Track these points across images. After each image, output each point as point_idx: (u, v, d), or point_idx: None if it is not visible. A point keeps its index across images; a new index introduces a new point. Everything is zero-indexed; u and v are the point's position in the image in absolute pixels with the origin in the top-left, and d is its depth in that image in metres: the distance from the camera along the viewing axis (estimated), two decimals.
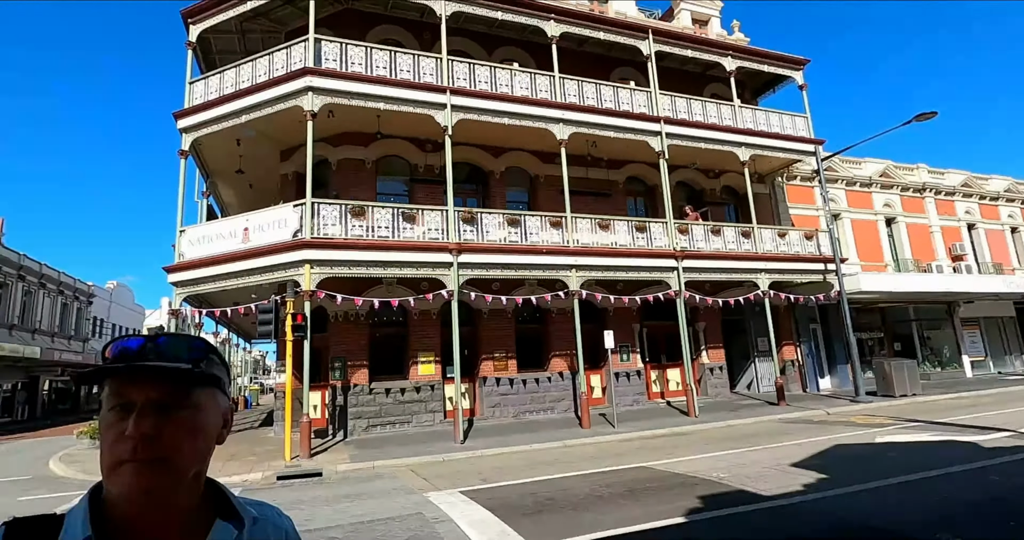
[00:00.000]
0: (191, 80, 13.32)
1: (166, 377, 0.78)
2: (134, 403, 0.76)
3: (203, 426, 0.80)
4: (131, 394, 0.76)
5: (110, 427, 0.76)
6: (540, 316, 15.36)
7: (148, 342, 0.80)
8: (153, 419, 0.75)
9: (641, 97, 15.21)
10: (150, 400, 0.76)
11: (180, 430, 0.77)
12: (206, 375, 0.81)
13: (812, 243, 16.66)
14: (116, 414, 0.76)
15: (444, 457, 9.75)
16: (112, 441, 0.74)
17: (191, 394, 0.80)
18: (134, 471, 0.73)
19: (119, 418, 0.75)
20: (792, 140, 17.08)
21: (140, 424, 0.74)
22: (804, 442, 9.28)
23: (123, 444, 0.73)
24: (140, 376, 0.77)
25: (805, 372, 18.32)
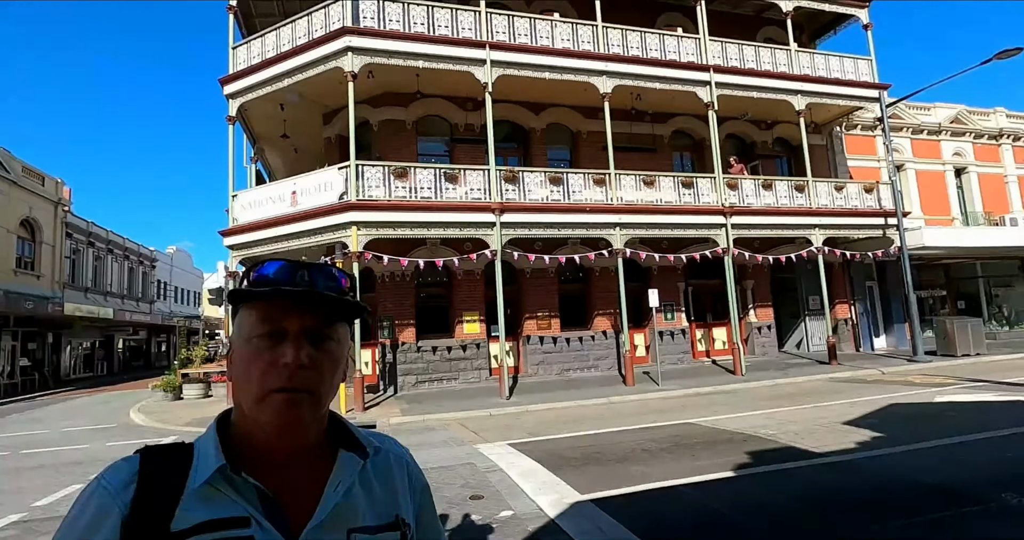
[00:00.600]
0: (234, 45, 13.45)
1: (321, 306, 0.76)
2: (286, 331, 0.74)
3: (341, 360, 0.79)
4: (285, 321, 0.74)
5: (259, 355, 0.73)
6: (583, 275, 15.30)
7: (300, 269, 0.77)
8: (308, 349, 0.73)
9: (689, 45, 14.42)
10: (304, 329, 0.74)
11: (327, 362, 0.76)
12: (360, 307, 0.80)
13: (872, 196, 15.76)
14: (265, 342, 0.74)
15: (491, 412, 10.04)
16: (263, 369, 0.72)
17: (336, 326, 0.78)
18: (286, 402, 0.71)
19: (269, 346, 0.73)
20: (853, 86, 15.94)
21: (298, 353, 0.72)
22: (857, 401, 9.07)
23: (276, 373, 0.72)
24: (300, 303, 0.74)
25: (859, 331, 17.72)
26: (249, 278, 0.78)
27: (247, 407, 0.74)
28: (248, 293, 0.75)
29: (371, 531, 0.76)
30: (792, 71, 15.22)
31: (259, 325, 0.74)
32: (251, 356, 0.73)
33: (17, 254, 21.09)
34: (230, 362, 0.79)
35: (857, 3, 16.45)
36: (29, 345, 23.14)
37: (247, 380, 0.73)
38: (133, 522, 0.66)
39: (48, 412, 14.59)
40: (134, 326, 32.39)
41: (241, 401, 0.75)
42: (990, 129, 21.10)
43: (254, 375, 0.72)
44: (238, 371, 0.75)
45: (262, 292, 0.74)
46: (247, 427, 0.75)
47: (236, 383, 0.75)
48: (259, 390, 0.72)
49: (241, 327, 0.76)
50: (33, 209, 22.04)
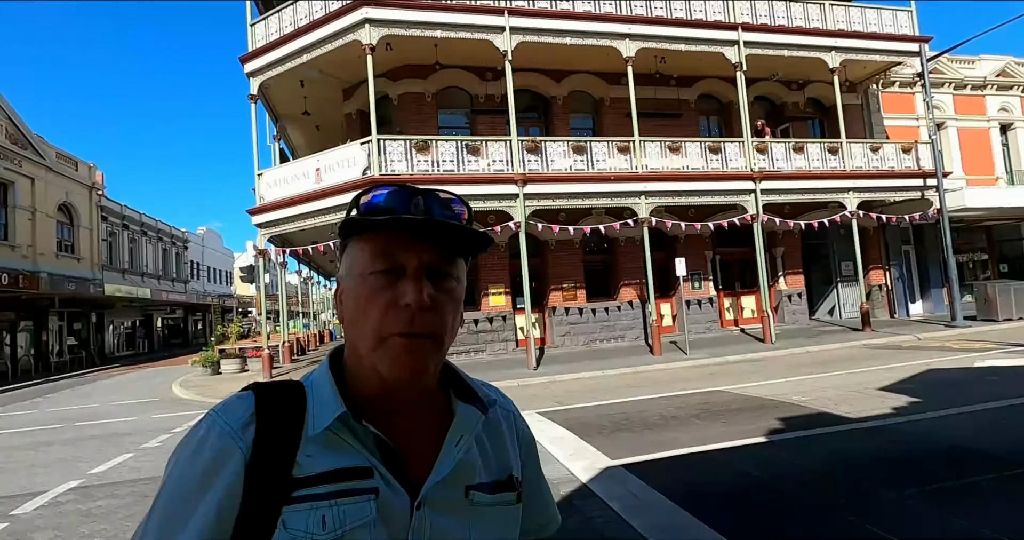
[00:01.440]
0: (251, 22, 13.39)
1: (444, 238, 0.67)
2: (404, 267, 0.66)
3: (462, 300, 0.71)
4: (404, 256, 0.66)
5: (375, 294, 0.66)
6: (608, 246, 15.16)
7: (415, 195, 0.68)
8: (429, 288, 0.65)
9: (716, 4, 13.82)
10: (424, 265, 0.66)
11: (450, 302, 0.68)
12: (487, 239, 0.70)
13: (910, 157, 15.12)
14: (382, 280, 0.66)
15: (519, 382, 10.16)
16: (381, 311, 0.65)
17: (456, 261, 0.70)
18: (407, 347, 0.65)
19: (387, 284, 0.66)
20: (892, 40, 15.13)
21: (420, 293, 0.64)
22: (893, 367, 8.89)
23: (396, 315, 0.64)
24: (419, 234, 0.66)
25: (894, 297, 17.25)
26: (358, 207, 0.69)
27: (363, 351, 0.67)
28: (361, 223, 0.67)
29: (487, 489, 0.72)
30: (825, 27, 14.51)
31: (374, 260, 0.67)
32: (367, 295, 0.66)
33: (57, 238, 21.85)
34: (339, 300, 0.72)
35: None
36: (74, 325, 24.19)
37: (362, 322, 0.66)
38: (256, 466, 0.61)
39: (96, 387, 15.30)
40: (171, 305, 33.50)
41: (356, 343, 0.68)
42: None
43: (371, 317, 0.65)
44: (351, 311, 0.68)
45: (377, 222, 0.65)
46: (362, 371, 0.69)
47: (350, 323, 0.69)
48: (377, 333, 0.65)
49: (353, 262, 0.69)
50: (69, 194, 22.71)
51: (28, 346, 21.09)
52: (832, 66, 14.41)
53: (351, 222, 0.67)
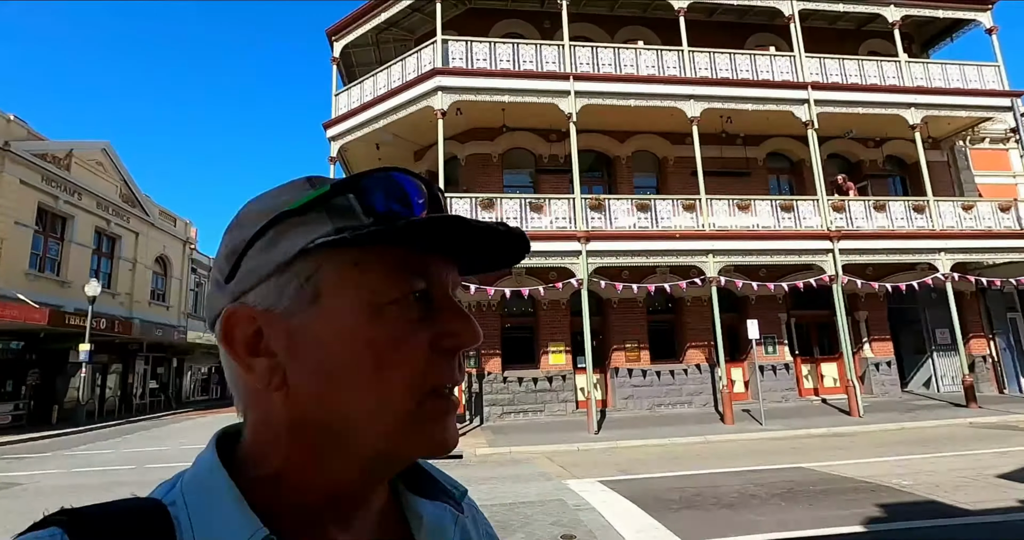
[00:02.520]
0: (336, 92, 14.59)
1: (468, 249, 0.47)
2: (428, 291, 0.46)
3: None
4: (437, 275, 0.46)
5: (409, 333, 0.43)
6: (672, 305, 14.63)
7: (424, 183, 0.47)
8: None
9: (783, 63, 13.78)
10: (454, 286, 0.48)
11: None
12: (525, 247, 0.49)
13: (1009, 215, 13.93)
14: (415, 311, 0.44)
15: (579, 446, 9.66)
16: (423, 357, 0.43)
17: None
18: (449, 409, 0.45)
19: (420, 316, 0.44)
20: (978, 95, 14.39)
21: (475, 328, 0.46)
22: (1009, 451, 7.77)
23: (442, 360, 0.44)
24: (448, 244, 0.45)
25: (1002, 369, 15.43)
26: (359, 196, 0.44)
27: (371, 426, 0.42)
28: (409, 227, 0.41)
29: None
30: (902, 83, 14.04)
31: (399, 281, 0.44)
32: (392, 335, 0.42)
33: (151, 287, 23.73)
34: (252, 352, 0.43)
35: (977, 6, 15.02)
36: (158, 369, 25.70)
37: (375, 380, 0.42)
38: None
39: (169, 430, 15.94)
40: None
41: (345, 416, 0.42)
42: None
43: (403, 369, 0.42)
44: (344, 365, 0.42)
45: (435, 220, 0.41)
46: (312, 462, 0.43)
47: (334, 386, 0.42)
48: (412, 393, 0.43)
49: (328, 287, 0.43)
50: (166, 247, 24.84)
51: (116, 387, 22.51)
52: (912, 122, 13.80)
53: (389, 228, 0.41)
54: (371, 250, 0.42)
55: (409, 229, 0.41)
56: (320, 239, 0.41)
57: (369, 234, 0.41)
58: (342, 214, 0.42)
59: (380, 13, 13.93)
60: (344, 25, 14.52)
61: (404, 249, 0.44)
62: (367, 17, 14.12)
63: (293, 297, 0.43)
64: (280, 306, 0.43)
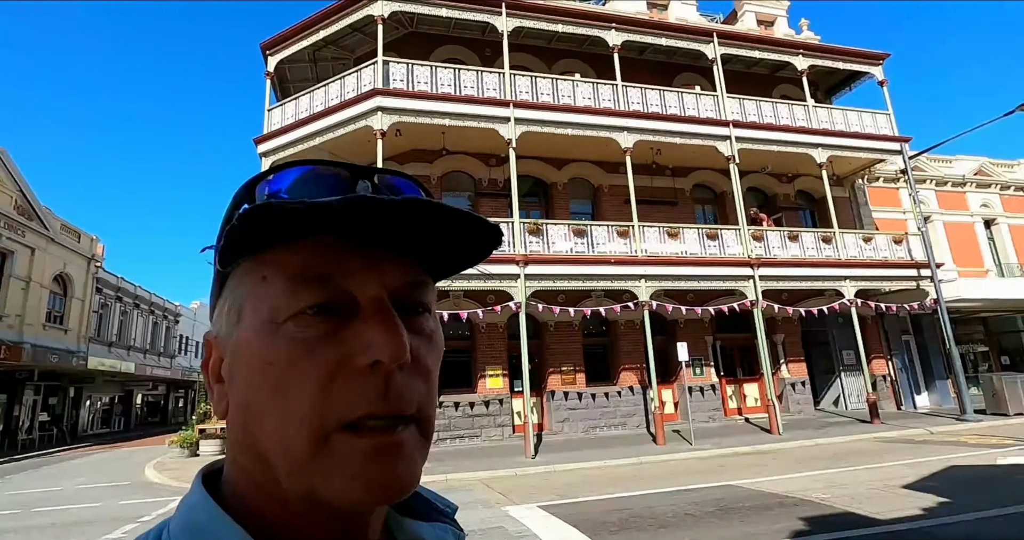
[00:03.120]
0: (269, 108, 14.11)
1: (416, 244, 0.40)
2: (352, 300, 0.38)
3: (441, 351, 0.44)
4: (354, 279, 0.38)
5: (307, 352, 0.37)
6: (607, 329, 14.99)
7: (357, 173, 0.42)
8: (405, 332, 0.38)
9: (708, 101, 14.77)
10: (390, 291, 0.39)
11: (432, 354, 0.42)
12: (497, 236, 0.43)
13: (902, 247, 15.45)
14: (316, 325, 0.37)
15: (516, 471, 9.56)
16: (322, 381, 0.36)
17: (428, 286, 0.43)
18: (381, 446, 0.36)
19: (325, 331, 0.37)
20: (873, 139, 16.04)
21: (401, 336, 0.37)
22: (911, 462, 8.45)
23: (353, 384, 0.36)
24: (378, 238, 0.39)
25: (899, 388, 16.88)
26: (252, 201, 0.40)
27: (282, 465, 0.37)
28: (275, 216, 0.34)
29: None
30: (811, 125, 15.41)
31: (297, 291, 0.37)
32: (287, 356, 0.37)
33: (48, 308, 21.52)
34: (215, 378, 0.42)
35: (871, 61, 16.86)
36: (50, 400, 23.14)
37: (278, 409, 0.37)
38: None
39: (63, 468, 14.31)
40: (154, 381, 32.39)
41: (261, 452, 0.38)
42: (1016, 180, 20.91)
43: (299, 396, 0.36)
44: (249, 391, 0.38)
45: (319, 204, 0.34)
46: (272, 502, 0.39)
47: (247, 415, 0.38)
48: (314, 427, 0.36)
49: (248, 302, 0.39)
50: (67, 265, 22.70)
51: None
52: (820, 161, 15.14)
53: (251, 220, 0.35)
54: (274, 260, 0.38)
55: (253, 215, 0.34)
56: (214, 259, 0.39)
57: (226, 235, 0.35)
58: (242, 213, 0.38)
59: (319, 30, 13.72)
60: (280, 40, 14.16)
61: (312, 252, 0.38)
62: (305, 33, 13.86)
63: (227, 321, 0.41)
64: (224, 330, 0.42)
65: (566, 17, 14.11)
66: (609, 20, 14.42)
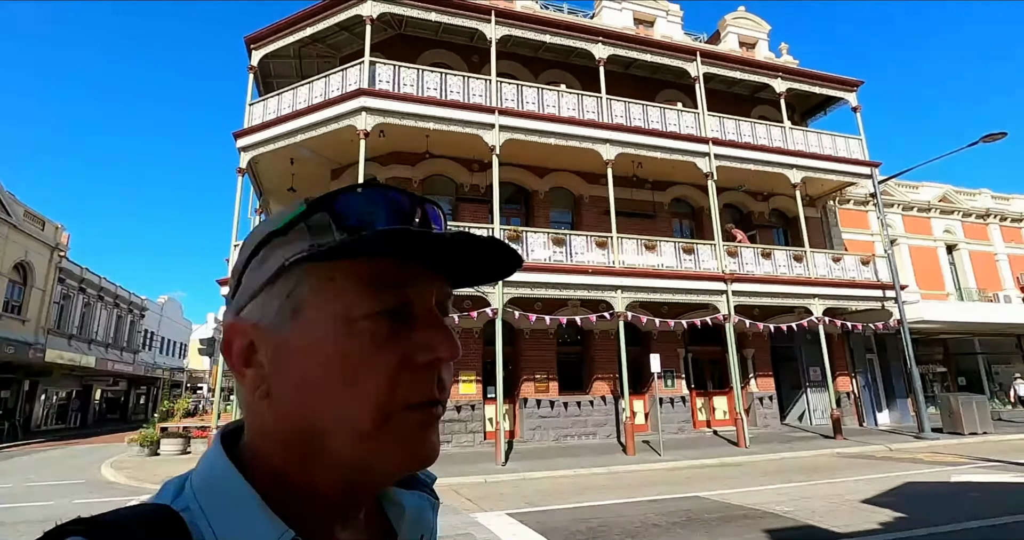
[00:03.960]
0: (251, 102, 13.92)
1: (455, 264, 0.48)
2: (409, 306, 0.46)
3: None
4: (417, 290, 0.47)
5: (380, 348, 0.44)
6: (582, 338, 15.09)
7: (415, 200, 0.48)
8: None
9: (688, 118, 15.07)
10: (438, 302, 0.49)
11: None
12: (517, 262, 0.50)
13: (869, 268, 15.94)
14: (385, 326, 0.44)
15: (486, 478, 9.52)
16: (393, 372, 0.44)
17: (452, 298, 0.52)
18: (428, 423, 0.46)
19: (393, 332, 0.45)
20: (846, 162, 16.56)
21: (455, 341, 0.46)
22: (871, 478, 8.68)
23: (416, 376, 0.44)
24: (435, 258, 0.47)
25: (862, 405, 17.34)
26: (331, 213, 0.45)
27: (342, 438, 0.43)
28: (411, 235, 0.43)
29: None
30: (787, 146, 15.84)
31: (372, 297, 0.44)
32: (362, 349, 0.43)
33: (5, 297, 20.70)
34: (246, 363, 0.46)
35: (845, 87, 17.43)
36: (2, 393, 22.22)
37: (349, 393, 0.43)
38: None
39: (13, 465, 13.73)
40: (115, 376, 31.36)
41: (319, 428, 0.44)
42: (977, 209, 21.78)
43: (372, 383, 0.43)
44: (318, 377, 0.44)
45: (437, 235, 0.43)
46: (307, 468, 0.45)
47: (312, 397, 0.44)
48: (382, 408, 0.43)
49: (316, 300, 0.44)
50: (29, 253, 21.89)
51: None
52: (794, 181, 15.55)
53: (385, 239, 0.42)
54: (345, 265, 0.44)
55: (366, 241, 0.42)
56: (294, 256, 0.44)
57: (332, 248, 0.42)
58: (319, 231, 0.44)
59: (306, 27, 13.60)
60: (266, 34, 14.00)
61: (381, 263, 0.45)
62: (292, 29, 13.72)
63: (277, 312, 0.45)
64: (267, 320, 0.46)
65: (554, 28, 14.28)
66: (596, 34, 14.63)
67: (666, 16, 18.74)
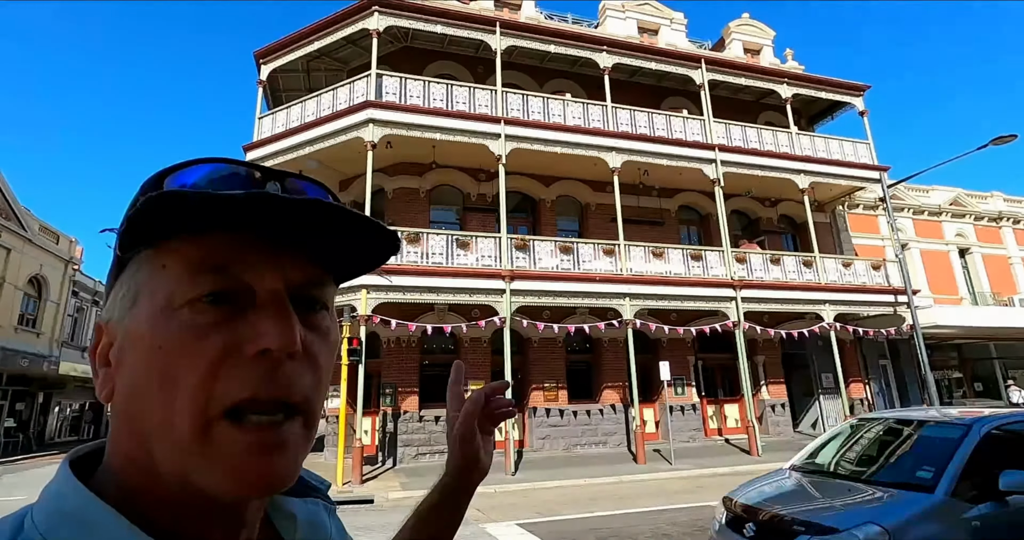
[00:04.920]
0: (260, 115, 14.11)
1: (318, 244, 0.42)
2: (250, 290, 0.40)
3: (336, 348, 0.45)
4: (253, 271, 0.40)
5: (197, 337, 0.37)
6: (590, 346, 15.03)
7: (265, 175, 0.43)
8: (299, 324, 0.40)
9: (694, 125, 15.08)
10: (289, 286, 0.41)
11: (325, 351, 0.43)
12: (394, 242, 0.45)
13: (880, 274, 15.79)
14: (209, 313, 0.38)
15: (496, 488, 9.47)
16: (210, 365, 0.37)
17: (328, 285, 0.45)
18: (263, 436, 0.37)
19: (217, 320, 0.38)
20: (854, 167, 16.47)
21: (293, 328, 0.39)
22: None
23: (240, 370, 0.37)
24: (280, 236, 0.40)
25: (876, 411, 17.08)
26: (161, 187, 0.40)
27: (161, 449, 0.38)
28: (174, 207, 0.36)
29: None
30: (794, 152, 15.79)
31: (193, 279, 0.39)
32: (177, 340, 0.37)
33: (21, 311, 20.99)
34: (101, 362, 0.42)
35: (852, 92, 17.38)
36: (17, 405, 22.45)
37: (163, 392, 0.37)
38: None
39: (26, 477, 13.85)
40: None
41: (144, 436, 0.38)
42: (989, 212, 21.54)
43: (185, 380, 0.37)
44: (137, 375, 0.39)
45: (223, 196, 0.36)
46: (153, 487, 0.39)
47: (131, 399, 0.39)
48: (197, 411, 0.36)
49: (145, 288, 0.40)
50: (44, 266, 22.21)
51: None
52: (802, 187, 15.48)
53: (154, 207, 0.36)
54: (178, 249, 0.39)
55: (155, 210, 0.36)
56: (115, 240, 0.40)
57: (127, 223, 0.37)
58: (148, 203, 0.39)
59: (314, 41, 13.81)
60: (275, 49, 14.22)
61: (211, 243, 0.39)
62: (301, 43, 13.93)
63: (119, 306, 0.42)
64: (116, 316, 0.42)
65: (559, 38, 14.39)
66: (601, 43, 14.73)
67: (670, 24, 18.81)
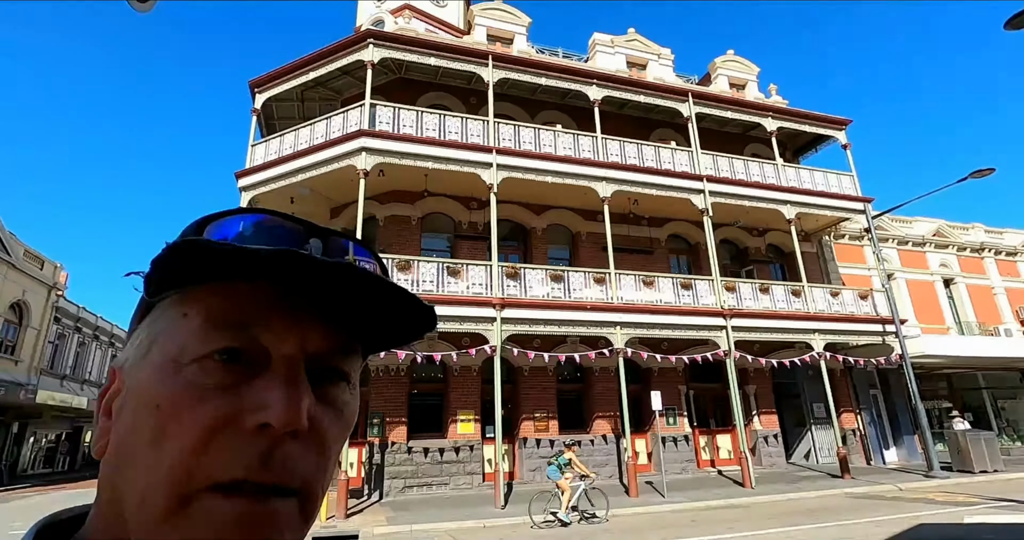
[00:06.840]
0: (253, 143, 14.18)
1: (348, 311, 0.39)
2: (267, 354, 0.36)
3: (352, 426, 0.42)
4: (271, 333, 0.37)
5: (197, 398, 0.34)
6: (581, 375, 14.90)
7: (311, 230, 0.41)
8: (312, 396, 0.36)
9: (683, 157, 15.37)
10: (307, 354, 0.38)
11: (336, 427, 0.39)
12: (431, 319, 0.42)
13: (867, 303, 15.93)
14: (216, 372, 0.35)
15: (484, 522, 9.23)
16: (202, 433, 0.33)
17: (354, 357, 0.42)
18: (247, 517, 0.33)
19: (224, 382, 0.35)
20: (839, 198, 16.80)
21: (299, 401, 0.35)
22: (882, 520, 8.41)
23: (234, 442, 0.33)
24: (309, 298, 0.37)
25: (868, 443, 16.98)
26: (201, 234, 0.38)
27: (140, 519, 0.33)
28: (212, 249, 0.34)
29: None
30: (780, 183, 16.09)
31: (208, 333, 0.36)
32: (175, 399, 0.34)
33: (0, 337, 20.52)
34: (107, 411, 0.40)
35: (834, 126, 17.87)
36: None
37: (150, 455, 0.34)
38: None
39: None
40: None
41: (125, 501, 0.35)
42: (972, 243, 21.95)
43: (174, 446, 0.33)
44: (130, 432, 0.36)
45: (247, 250, 0.33)
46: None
47: (121, 458, 0.36)
48: (178, 482, 0.33)
49: (161, 336, 0.38)
50: (26, 292, 21.84)
51: None
52: (789, 217, 15.72)
53: (178, 254, 0.34)
54: (201, 298, 0.37)
55: (182, 257, 0.34)
56: (142, 285, 0.38)
57: (154, 267, 0.35)
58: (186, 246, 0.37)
59: (309, 71, 14.02)
60: (270, 78, 14.41)
61: (233, 297, 0.36)
62: (296, 73, 14.14)
63: (135, 352, 0.39)
64: (130, 362, 0.39)
65: (550, 71, 14.74)
66: (591, 76, 15.09)
67: (658, 59, 19.37)
